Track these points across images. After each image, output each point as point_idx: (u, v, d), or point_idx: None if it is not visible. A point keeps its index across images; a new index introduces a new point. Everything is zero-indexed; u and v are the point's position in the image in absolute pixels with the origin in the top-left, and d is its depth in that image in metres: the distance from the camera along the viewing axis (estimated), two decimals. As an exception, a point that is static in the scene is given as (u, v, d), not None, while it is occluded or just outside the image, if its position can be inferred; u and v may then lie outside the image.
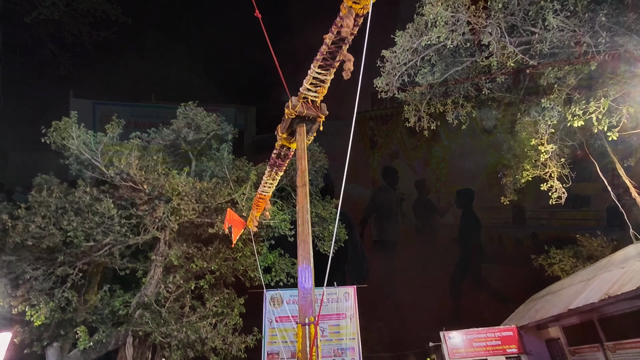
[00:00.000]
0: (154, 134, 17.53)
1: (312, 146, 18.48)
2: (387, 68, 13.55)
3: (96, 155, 14.83)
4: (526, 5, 11.97)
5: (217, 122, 18.04)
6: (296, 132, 7.21)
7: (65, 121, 14.62)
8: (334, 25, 6.09)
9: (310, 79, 6.69)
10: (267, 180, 9.69)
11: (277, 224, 15.95)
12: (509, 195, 17.65)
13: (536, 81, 14.15)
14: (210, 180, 16.41)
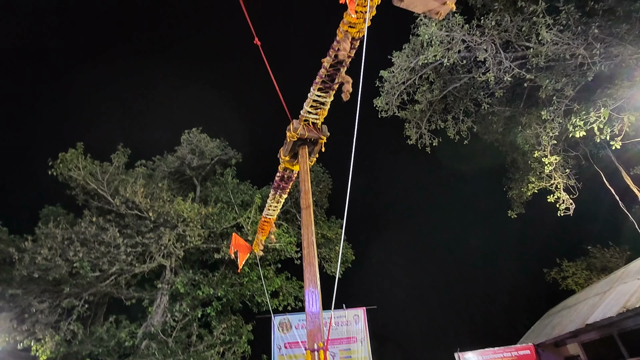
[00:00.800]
0: (158, 162, 17.73)
1: (316, 167, 18.56)
2: (385, 88, 13.75)
3: (102, 185, 14.97)
4: (519, 21, 12.23)
5: (220, 147, 18.24)
6: (298, 155, 7.26)
7: (72, 152, 14.86)
8: (332, 48, 6.24)
9: (310, 101, 6.79)
10: (272, 203, 9.68)
11: (283, 247, 15.82)
12: (515, 209, 17.47)
13: (535, 94, 14.27)
14: (215, 205, 16.43)
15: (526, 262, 25.84)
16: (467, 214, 28.23)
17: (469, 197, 27.46)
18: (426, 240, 30.47)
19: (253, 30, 6.64)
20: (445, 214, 30.26)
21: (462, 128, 15.40)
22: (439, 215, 30.40)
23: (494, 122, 16.56)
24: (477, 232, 27.40)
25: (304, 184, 6.74)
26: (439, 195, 30.08)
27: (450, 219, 29.99)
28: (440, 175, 28.56)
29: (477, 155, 19.84)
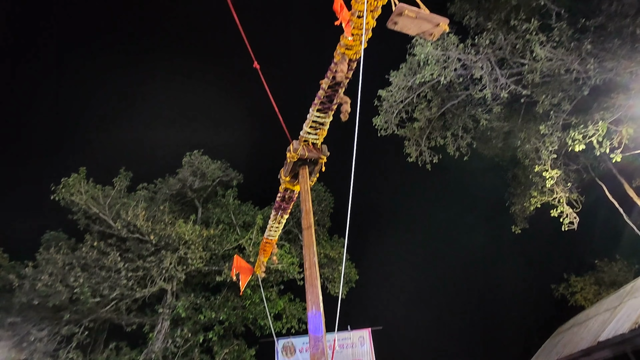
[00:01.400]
0: (160, 184, 17.79)
1: (317, 186, 18.57)
2: (384, 106, 13.91)
3: (104, 209, 14.98)
4: (513, 39, 12.49)
5: (222, 168, 18.33)
6: (299, 175, 7.29)
7: (74, 177, 14.95)
8: (329, 70, 6.36)
9: (309, 122, 6.88)
10: (273, 224, 9.65)
11: (285, 268, 15.64)
12: (519, 224, 17.33)
13: (532, 109, 14.41)
14: (217, 227, 16.37)
15: (533, 278, 25.42)
16: (471, 230, 27.95)
17: (472, 214, 27.29)
18: (430, 258, 30.12)
19: (252, 54, 6.79)
20: (449, 230, 30.02)
21: (462, 144, 15.47)
22: (442, 232, 30.16)
23: (493, 137, 16.65)
24: (481, 249, 27.10)
25: (305, 204, 6.73)
26: (442, 213, 29.87)
27: (454, 235, 29.72)
28: (442, 193, 28.52)
29: (478, 171, 19.85)
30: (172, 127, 29.40)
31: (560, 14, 11.64)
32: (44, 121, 26.16)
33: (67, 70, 26.93)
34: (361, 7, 5.49)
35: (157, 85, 29.00)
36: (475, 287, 27.81)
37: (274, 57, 25.67)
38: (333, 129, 7.13)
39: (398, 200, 30.36)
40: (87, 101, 26.54)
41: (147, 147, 25.76)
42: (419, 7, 4.93)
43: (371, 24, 5.75)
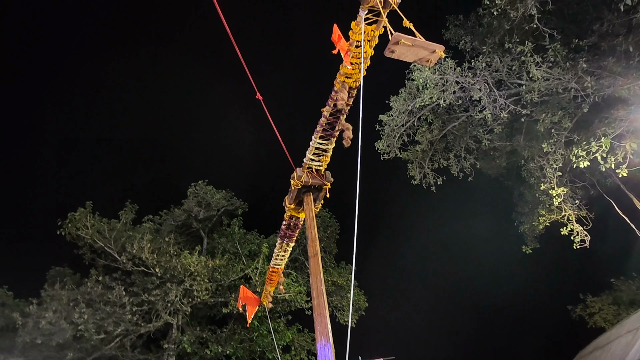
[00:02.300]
0: (165, 216, 17.81)
1: (322, 212, 18.48)
2: (386, 131, 14.06)
3: (109, 242, 14.94)
4: (508, 61, 12.75)
5: (226, 197, 18.38)
6: (304, 202, 7.28)
7: (81, 212, 15.01)
8: (330, 98, 6.49)
9: (312, 149, 6.95)
10: (279, 252, 9.55)
11: (292, 298, 15.32)
12: (530, 244, 17.01)
13: (533, 127, 14.49)
14: (223, 257, 16.21)
15: (548, 299, 24.60)
16: (481, 253, 27.35)
17: (480, 236, 26.79)
18: (440, 282, 29.33)
19: (254, 86, 6.95)
20: (458, 253, 29.41)
21: (465, 165, 15.48)
22: (451, 254, 29.57)
23: (496, 157, 16.66)
24: (493, 271, 26.38)
25: (310, 231, 6.68)
26: (450, 235, 29.36)
27: (464, 258, 29.07)
28: (449, 215, 28.17)
29: (484, 192, 19.72)
30: (177, 157, 29.72)
31: (553, 36, 11.92)
32: (47, 154, 26.59)
33: (73, 105, 27.64)
34: (358, 37, 5.67)
35: (161, 115, 29.62)
36: (489, 311, 26.92)
37: (276, 84, 26.27)
38: (336, 155, 7.19)
39: (405, 224, 30.00)
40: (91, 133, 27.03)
41: (153, 177, 26.02)
42: (414, 36, 5.08)
43: (369, 53, 5.91)
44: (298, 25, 25.42)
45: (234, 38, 5.71)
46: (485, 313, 26.89)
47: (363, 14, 5.49)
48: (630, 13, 10.90)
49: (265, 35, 26.41)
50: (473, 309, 27.28)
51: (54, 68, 26.10)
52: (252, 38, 24.55)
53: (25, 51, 24.50)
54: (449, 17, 15.42)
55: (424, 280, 28.85)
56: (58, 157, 26.19)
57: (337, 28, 5.82)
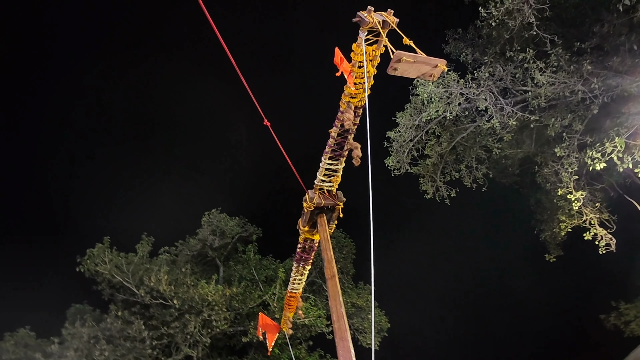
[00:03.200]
0: (181, 246, 17.91)
1: (337, 233, 18.34)
2: (394, 147, 14.08)
3: (127, 276, 15.02)
4: (511, 69, 12.79)
5: (240, 224, 18.43)
6: (317, 224, 7.25)
7: (99, 247, 15.21)
8: (337, 119, 6.56)
9: (322, 170, 6.97)
10: (296, 276, 9.44)
11: (312, 322, 15.03)
12: (552, 251, 16.50)
13: (544, 132, 14.32)
14: (240, 284, 16.12)
15: (579, 309, 23.48)
16: (502, 264, 26.47)
17: (499, 247, 26.05)
18: (462, 299, 28.37)
19: (261, 112, 7.09)
20: (478, 266, 28.55)
21: (478, 175, 15.31)
22: (471, 268, 28.72)
23: (508, 165, 16.45)
24: (515, 284, 25.45)
25: (326, 252, 6.62)
26: (467, 248, 28.62)
27: (484, 271, 28.17)
28: (464, 227, 27.58)
29: (499, 201, 19.34)
30: (189, 187, 29.97)
31: (554, 41, 11.96)
32: (60, 193, 27.10)
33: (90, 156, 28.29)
34: (360, 57, 5.78)
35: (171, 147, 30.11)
36: (515, 328, 25.77)
37: (283, 109, 26.68)
38: (347, 174, 7.19)
39: (422, 240, 29.43)
40: (108, 170, 27.64)
41: (167, 209, 26.28)
42: (415, 52, 5.16)
43: (372, 72, 6.01)
44: (300, 43, 25.82)
45: (239, 59, 5.86)
46: (511, 329, 25.78)
47: (363, 36, 5.62)
48: (630, 12, 10.90)
49: (267, 53, 26.95)
50: (499, 325, 26.19)
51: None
52: (253, 56, 25.08)
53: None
54: (448, 31, 15.67)
55: (446, 297, 27.97)
56: (72, 194, 26.75)
57: (338, 50, 5.95)
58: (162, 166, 28.32)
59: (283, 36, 25.82)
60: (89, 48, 25.25)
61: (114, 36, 25.09)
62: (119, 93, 26.12)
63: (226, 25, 5.56)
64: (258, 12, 26.27)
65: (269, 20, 26.62)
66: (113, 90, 26.16)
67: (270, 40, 26.15)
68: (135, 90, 25.92)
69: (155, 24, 23.74)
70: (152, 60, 25.98)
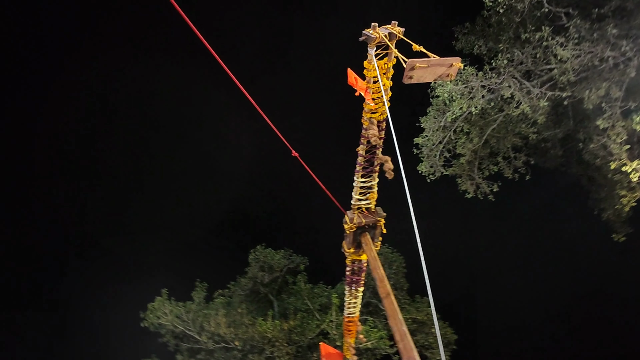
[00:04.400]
0: (233, 287, 18.23)
1: (383, 249, 17.98)
2: (424, 152, 13.87)
3: (189, 324, 15.41)
4: (530, 50, 12.39)
5: (286, 256, 18.56)
6: (362, 243, 7.18)
7: (158, 300, 15.79)
8: (362, 136, 6.61)
9: (357, 189, 6.97)
10: (350, 300, 9.30)
11: (375, 345, 14.56)
12: (619, 230, 15.20)
13: (580, 107, 13.57)
14: (296, 316, 16.04)
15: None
16: (565, 254, 24.36)
17: (559, 236, 24.11)
18: (527, 294, 26.23)
19: (288, 145, 7.27)
20: (539, 261, 26.55)
21: (518, 164, 14.64)
22: (530, 264, 26.75)
23: (549, 148, 15.63)
24: (585, 272, 23.23)
25: (376, 271, 6.51)
26: (523, 244, 26.76)
27: (547, 264, 26.10)
28: (515, 221, 25.95)
29: (547, 187, 18.24)
30: (238, 227, 30.01)
31: (569, 13, 11.53)
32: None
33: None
34: (374, 73, 5.86)
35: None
36: (591, 320, 23.34)
37: (308, 138, 26.94)
38: (383, 187, 7.12)
39: (470, 240, 27.98)
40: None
41: (215, 251, 26.78)
42: (427, 57, 5.17)
43: (388, 85, 6.06)
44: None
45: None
46: (587, 322, 23.42)
47: (372, 52, 5.72)
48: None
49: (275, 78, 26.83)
50: (573, 320, 23.90)
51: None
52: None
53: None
54: (455, 28, 15.54)
55: (509, 297, 26.06)
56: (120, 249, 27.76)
57: (351, 71, 6.08)
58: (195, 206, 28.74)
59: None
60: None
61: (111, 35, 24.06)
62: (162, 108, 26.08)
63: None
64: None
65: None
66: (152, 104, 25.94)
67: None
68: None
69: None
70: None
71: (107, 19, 22.26)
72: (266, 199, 29.44)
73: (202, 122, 26.66)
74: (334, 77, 19.37)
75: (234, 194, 28.84)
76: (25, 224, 26.02)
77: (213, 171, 27.89)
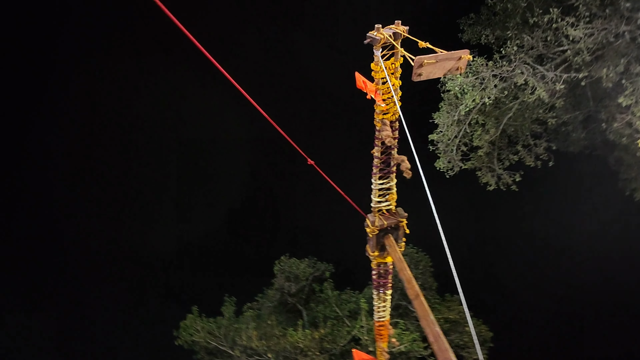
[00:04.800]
0: (261, 299, 18.31)
1: (408, 250, 17.74)
2: (441, 148, 13.68)
3: (221, 340, 15.54)
4: (540, 34, 12.11)
5: (310, 264, 18.54)
6: (386, 245, 7.11)
7: (190, 318, 16.01)
8: (376, 138, 6.58)
9: (376, 192, 6.93)
10: (379, 304, 9.19)
11: (408, 348, 14.29)
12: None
13: (599, 86, 13.12)
14: (325, 324, 15.95)
15: None
16: (600, 242, 23.21)
17: (591, 222, 23.04)
18: (559, 287, 25.05)
19: (304, 153, 7.32)
20: (572, 250, 25.41)
21: (539, 151, 14.24)
22: (562, 254, 25.69)
23: (570, 131, 15.14)
24: (623, 261, 22.09)
25: (403, 272, 6.42)
26: (551, 232, 25.76)
27: (580, 253, 24.88)
28: (543, 210, 25.02)
29: (572, 171, 17.62)
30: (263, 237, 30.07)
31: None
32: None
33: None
34: (382, 74, 5.85)
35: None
36: (629, 311, 22.15)
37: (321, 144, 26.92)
38: (401, 186, 7.04)
39: (498, 232, 27.12)
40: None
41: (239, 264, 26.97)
42: (435, 52, 5.13)
43: (397, 85, 6.03)
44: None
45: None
46: (626, 312, 22.25)
47: (378, 53, 5.72)
48: None
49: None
50: (609, 310, 22.73)
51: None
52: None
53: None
54: (460, 20, 15.36)
55: (541, 287, 25.03)
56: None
57: (359, 75, 6.09)
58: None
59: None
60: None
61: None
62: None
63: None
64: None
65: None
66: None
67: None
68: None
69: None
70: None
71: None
72: (284, 208, 29.54)
73: (217, 136, 26.96)
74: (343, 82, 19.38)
75: (248, 206, 29.12)
76: (54, 247, 26.66)
77: (226, 183, 28.23)
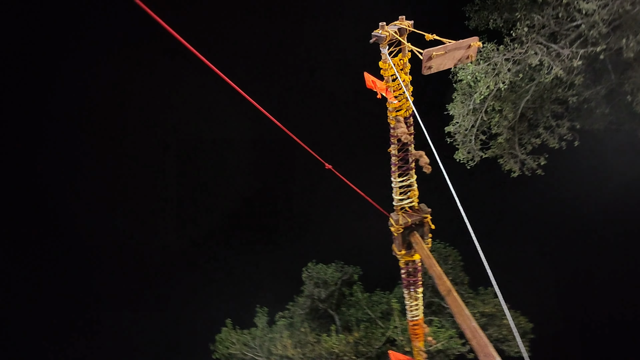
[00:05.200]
0: (292, 307, 18.35)
1: (435, 245, 17.42)
2: (458, 139, 13.42)
3: (257, 351, 15.65)
4: (550, 12, 11.75)
5: (338, 268, 18.47)
6: (412, 243, 7.02)
7: (224, 331, 16.21)
8: (391, 136, 6.54)
9: (397, 190, 6.87)
10: (411, 302, 9.06)
11: (446, 345, 13.97)
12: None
13: (619, 58, 12.57)
14: (359, 327, 15.82)
15: None
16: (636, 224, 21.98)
17: (624, 201, 21.89)
18: (587, 271, 23.82)
19: (320, 159, 7.33)
20: (609, 227, 24.30)
21: (562, 132, 13.74)
22: (601, 229, 24.57)
23: (593, 108, 14.54)
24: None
25: (433, 269, 6.31)
26: (583, 209, 24.61)
27: (620, 232, 23.71)
28: (572, 193, 23.96)
29: (600, 149, 16.85)
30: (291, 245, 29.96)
31: (586, -36, 10.84)
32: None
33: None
34: (391, 72, 5.82)
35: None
36: None
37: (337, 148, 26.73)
38: (423, 182, 6.94)
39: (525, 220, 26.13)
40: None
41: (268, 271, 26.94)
42: (443, 43, 5.06)
43: (407, 80, 5.98)
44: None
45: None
46: None
47: (385, 51, 5.70)
48: None
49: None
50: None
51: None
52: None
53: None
54: (465, 7, 15.09)
55: (574, 274, 23.89)
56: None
57: (367, 74, 6.07)
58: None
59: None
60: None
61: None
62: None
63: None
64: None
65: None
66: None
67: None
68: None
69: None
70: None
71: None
72: (304, 214, 29.46)
73: (231, 137, 26.92)
74: (351, 82, 19.21)
75: (267, 214, 29.11)
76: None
77: (242, 188, 28.34)
